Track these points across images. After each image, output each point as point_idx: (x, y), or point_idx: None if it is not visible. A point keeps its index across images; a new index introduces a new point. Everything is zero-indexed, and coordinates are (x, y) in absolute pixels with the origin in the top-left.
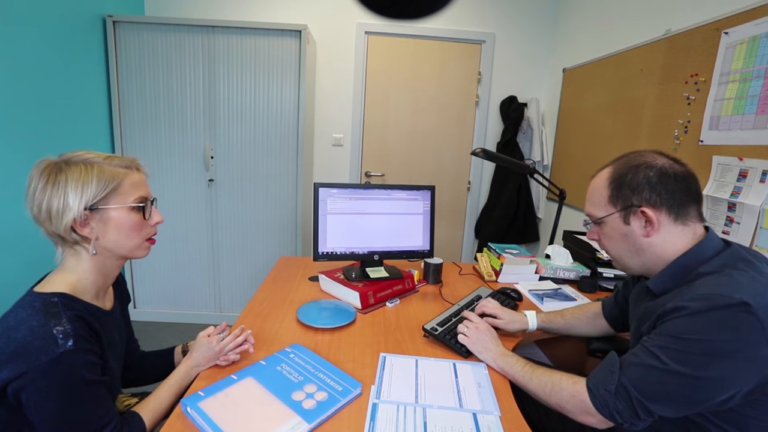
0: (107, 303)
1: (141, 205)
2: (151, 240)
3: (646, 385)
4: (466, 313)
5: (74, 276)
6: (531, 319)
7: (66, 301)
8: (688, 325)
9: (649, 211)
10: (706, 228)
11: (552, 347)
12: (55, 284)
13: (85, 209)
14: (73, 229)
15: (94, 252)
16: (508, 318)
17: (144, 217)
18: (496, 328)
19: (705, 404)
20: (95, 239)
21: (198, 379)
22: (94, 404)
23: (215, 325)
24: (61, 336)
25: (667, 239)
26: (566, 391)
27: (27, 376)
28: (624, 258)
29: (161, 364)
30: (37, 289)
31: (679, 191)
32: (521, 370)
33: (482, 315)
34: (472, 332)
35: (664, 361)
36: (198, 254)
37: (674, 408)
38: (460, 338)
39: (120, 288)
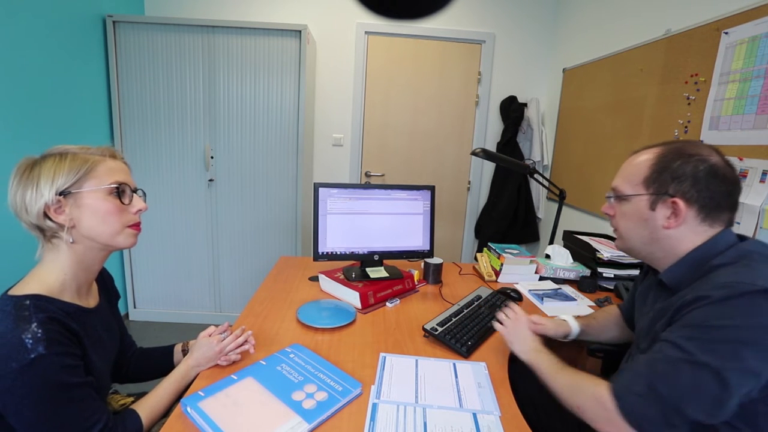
0: (91, 301)
1: (115, 186)
2: (134, 227)
3: (676, 381)
4: (511, 304)
5: (53, 274)
6: (572, 324)
7: (39, 302)
8: (712, 313)
9: (681, 204)
10: None
11: (552, 347)
12: (29, 285)
13: (57, 194)
14: (47, 216)
15: (71, 240)
16: (552, 325)
17: (122, 202)
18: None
19: (732, 402)
20: (71, 227)
21: (198, 378)
22: (78, 406)
23: (216, 325)
24: (30, 341)
25: (685, 235)
26: (587, 393)
27: (0, 384)
28: (633, 241)
29: (161, 361)
30: (12, 291)
31: (720, 194)
32: (549, 368)
33: None
34: (510, 322)
35: (691, 351)
36: (198, 254)
37: (706, 411)
38: (495, 325)
39: (106, 285)
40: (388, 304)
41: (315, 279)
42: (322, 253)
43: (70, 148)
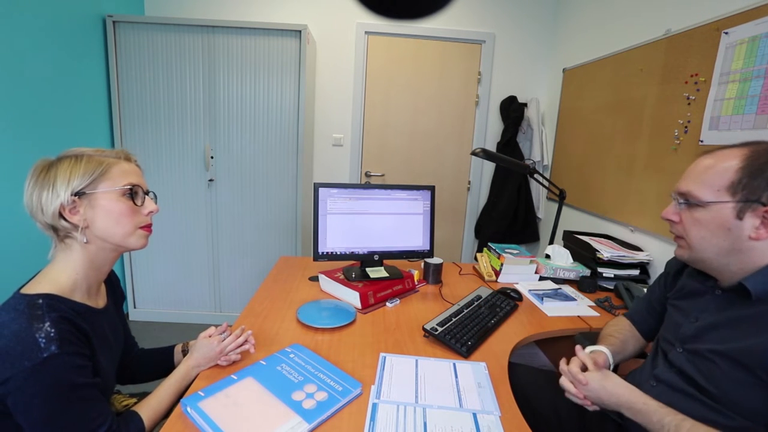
0: (99, 301)
1: (128, 188)
2: (146, 228)
3: None
4: (562, 382)
5: (65, 273)
6: (605, 350)
7: (51, 302)
8: None
9: None
10: None
11: (552, 347)
12: (41, 284)
13: (72, 195)
14: (62, 216)
15: (84, 240)
16: (596, 356)
17: (135, 204)
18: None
19: None
20: (85, 227)
21: (198, 378)
22: (85, 407)
23: (216, 326)
24: (44, 341)
25: None
26: None
27: (11, 382)
28: (706, 252)
29: (161, 362)
30: (24, 290)
31: None
32: (663, 417)
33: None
34: (586, 389)
35: None
36: (198, 254)
37: None
38: (576, 400)
39: (113, 286)
40: (388, 304)
41: (315, 279)
42: (322, 253)
43: (86, 150)
